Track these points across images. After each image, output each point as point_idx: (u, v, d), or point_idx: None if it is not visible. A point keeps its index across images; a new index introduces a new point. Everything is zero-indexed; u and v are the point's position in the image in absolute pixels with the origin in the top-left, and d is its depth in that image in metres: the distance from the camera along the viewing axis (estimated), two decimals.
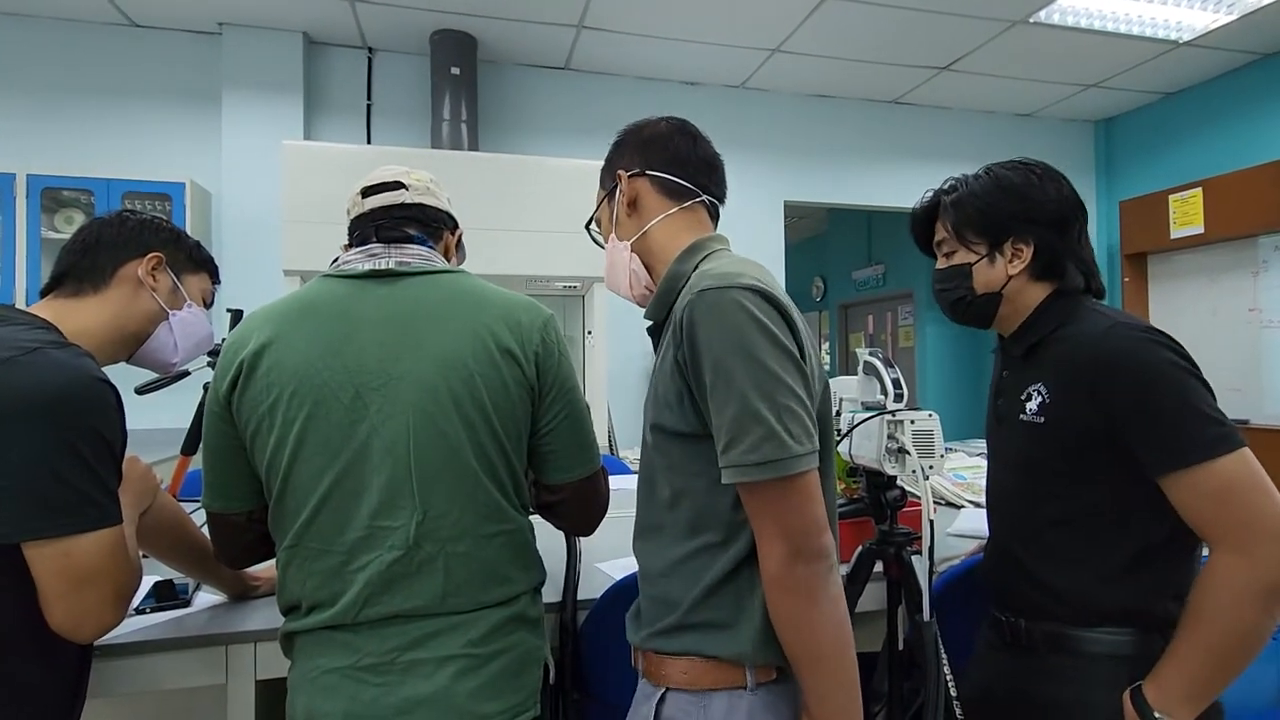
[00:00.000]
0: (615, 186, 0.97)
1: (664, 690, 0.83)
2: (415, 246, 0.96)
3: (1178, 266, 3.95)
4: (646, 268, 0.96)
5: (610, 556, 1.35)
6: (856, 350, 1.25)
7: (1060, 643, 0.96)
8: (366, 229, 0.97)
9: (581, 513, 1.02)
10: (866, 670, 1.23)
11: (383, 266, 0.93)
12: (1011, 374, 1.07)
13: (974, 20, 3.30)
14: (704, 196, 0.96)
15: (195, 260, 1.11)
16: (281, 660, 0.93)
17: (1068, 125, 4.60)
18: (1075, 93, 4.15)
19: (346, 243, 1.01)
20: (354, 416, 0.85)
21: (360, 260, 0.94)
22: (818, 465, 0.77)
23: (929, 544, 1.03)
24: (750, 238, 4.00)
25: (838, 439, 1.22)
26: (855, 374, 1.26)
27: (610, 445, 3.06)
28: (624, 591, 1.14)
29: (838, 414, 1.29)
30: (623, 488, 1.21)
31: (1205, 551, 0.91)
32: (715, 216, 1.00)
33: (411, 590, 0.85)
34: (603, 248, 1.03)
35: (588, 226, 1.08)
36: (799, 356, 0.79)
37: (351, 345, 0.87)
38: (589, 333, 2.98)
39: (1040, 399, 0.97)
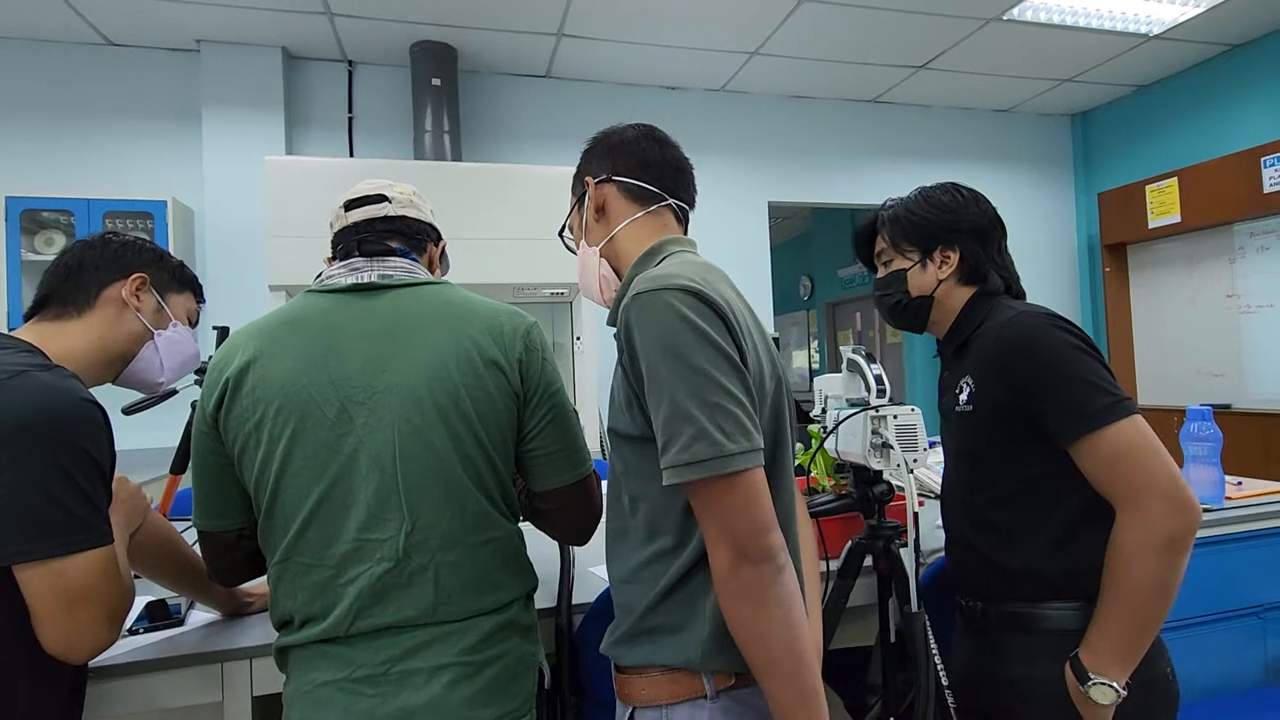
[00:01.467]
0: (584, 193, 0.99)
1: (631, 709, 0.84)
2: (398, 259, 0.97)
3: (1157, 256, 4.00)
4: (616, 272, 0.97)
5: (604, 561, 1.35)
6: (841, 348, 1.28)
7: (1015, 622, 1.02)
8: (349, 242, 0.98)
9: (573, 521, 1.01)
10: (861, 664, 1.25)
11: (365, 280, 0.94)
12: (950, 373, 1.15)
13: (948, 19, 3.34)
14: (670, 200, 0.97)
15: (179, 279, 1.11)
16: (278, 676, 0.93)
17: (1045, 120, 4.66)
18: (1051, 88, 4.21)
19: (330, 256, 1.02)
20: (340, 430, 0.86)
21: (343, 274, 0.95)
22: (760, 464, 0.75)
23: (914, 536, 1.05)
24: (735, 239, 4.03)
25: (824, 435, 1.24)
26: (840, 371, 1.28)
27: (602, 450, 3.06)
28: None
29: (823, 411, 1.30)
30: None
31: None
32: (685, 220, 1.01)
33: (403, 601, 0.85)
34: (575, 254, 1.05)
35: (561, 234, 1.08)
36: (736, 356, 0.78)
37: (336, 359, 0.88)
38: (578, 338, 2.98)
39: (969, 390, 1.06)
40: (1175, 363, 3.88)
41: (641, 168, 0.96)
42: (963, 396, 1.07)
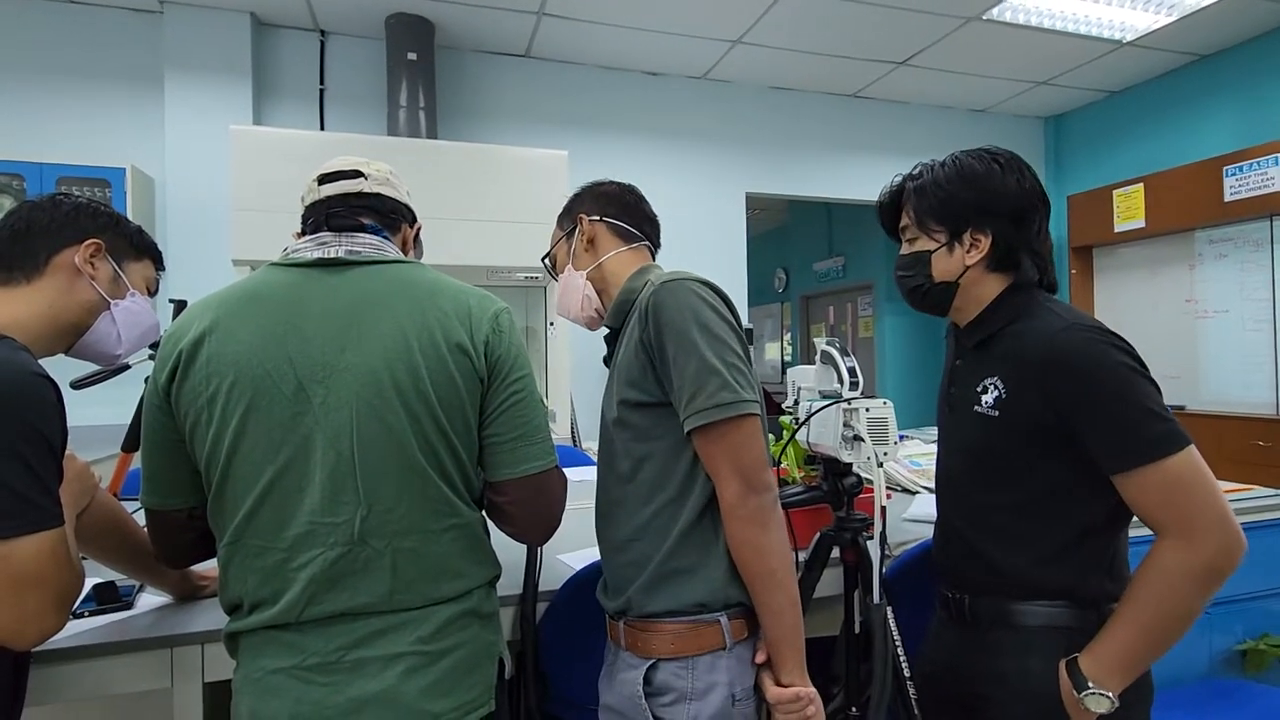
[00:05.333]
0: (574, 228, 1.15)
1: (654, 660, 0.92)
2: (367, 236, 0.94)
3: (1121, 259, 4.10)
4: (599, 293, 1.14)
5: (572, 548, 1.34)
6: (815, 340, 1.29)
7: (1002, 616, 1.01)
8: (320, 216, 0.94)
9: (529, 516, 0.95)
10: (826, 653, 1.26)
11: (331, 255, 0.91)
12: (965, 364, 1.09)
13: (930, 16, 3.36)
14: (646, 241, 1.16)
15: (137, 246, 1.06)
16: (230, 662, 0.90)
17: (1019, 121, 4.73)
18: (1026, 89, 4.27)
19: (299, 231, 0.98)
20: (297, 409, 0.83)
21: (309, 249, 0.91)
22: (759, 413, 0.93)
23: (880, 529, 1.06)
24: (713, 229, 4.02)
25: (796, 427, 1.24)
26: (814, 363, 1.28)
27: (573, 436, 3.05)
28: (585, 583, 1.13)
29: (795, 402, 1.31)
30: (585, 479, 1.21)
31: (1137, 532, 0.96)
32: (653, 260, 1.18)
33: (358, 588, 0.83)
34: (555, 279, 1.20)
35: (543, 260, 1.24)
36: (739, 332, 0.97)
37: (295, 335, 0.85)
38: (551, 323, 2.96)
39: (996, 393, 1.00)
40: None
41: (625, 213, 1.15)
42: (987, 398, 1.01)
